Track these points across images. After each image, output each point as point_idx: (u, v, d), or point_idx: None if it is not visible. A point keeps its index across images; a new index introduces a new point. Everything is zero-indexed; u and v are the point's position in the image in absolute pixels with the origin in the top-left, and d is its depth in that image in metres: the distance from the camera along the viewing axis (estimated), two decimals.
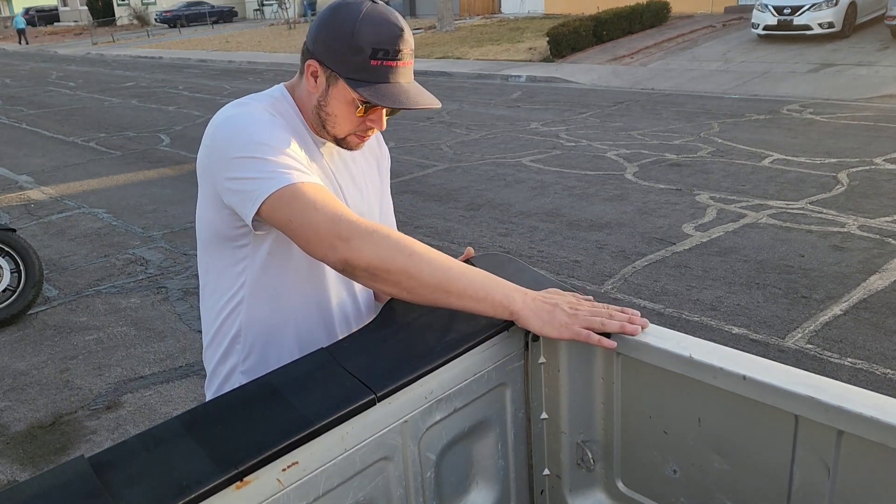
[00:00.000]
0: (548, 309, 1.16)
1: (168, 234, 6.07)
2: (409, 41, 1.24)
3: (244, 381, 1.32)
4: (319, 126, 1.30)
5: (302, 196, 1.15)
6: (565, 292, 1.23)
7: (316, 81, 1.27)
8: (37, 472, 3.01)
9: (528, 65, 15.63)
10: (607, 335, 1.16)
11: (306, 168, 1.21)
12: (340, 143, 1.32)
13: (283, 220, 1.15)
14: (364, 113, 1.26)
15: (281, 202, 1.14)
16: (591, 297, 1.24)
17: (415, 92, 1.25)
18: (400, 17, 1.25)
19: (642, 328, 1.15)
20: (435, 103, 1.27)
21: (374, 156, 1.50)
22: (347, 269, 1.14)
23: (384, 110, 1.28)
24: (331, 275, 1.37)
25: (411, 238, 1.17)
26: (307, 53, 1.27)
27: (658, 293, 4.36)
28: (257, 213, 1.16)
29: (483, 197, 6.59)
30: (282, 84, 1.36)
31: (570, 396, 1.28)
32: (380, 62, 1.21)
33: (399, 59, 1.22)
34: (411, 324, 1.23)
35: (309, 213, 1.14)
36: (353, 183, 1.40)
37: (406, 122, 10.10)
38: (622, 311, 1.18)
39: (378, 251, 1.12)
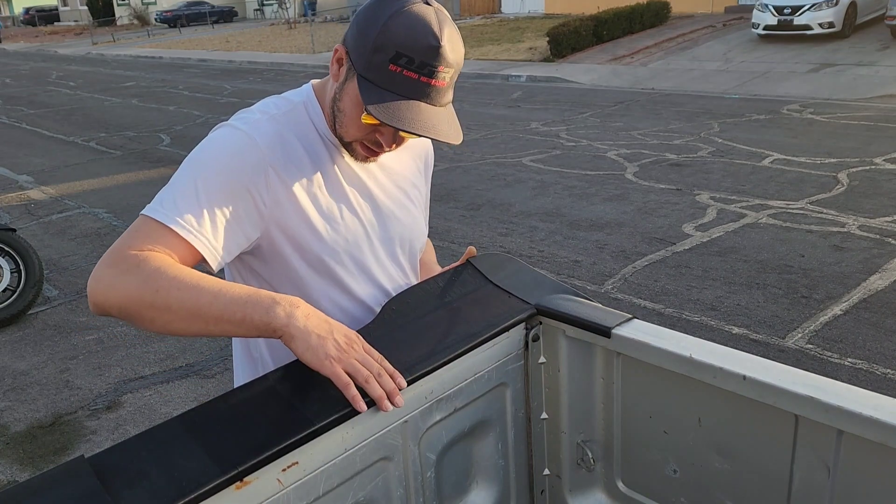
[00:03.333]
0: (319, 333, 1.03)
1: None
2: (445, 58, 1.07)
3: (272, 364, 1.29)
4: (333, 122, 1.20)
5: (131, 226, 1.09)
6: (351, 331, 1.09)
7: (339, 70, 1.16)
8: (37, 472, 3.01)
9: (528, 65, 15.63)
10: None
11: (206, 218, 1.09)
12: (347, 147, 1.21)
13: None
14: (366, 119, 1.12)
15: (130, 226, 1.10)
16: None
17: (429, 116, 1.09)
18: (448, 31, 1.08)
19: (395, 406, 1.04)
20: (453, 138, 1.12)
21: (423, 157, 1.40)
22: (102, 313, 1.06)
23: (395, 135, 1.15)
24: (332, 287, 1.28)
25: (173, 266, 1.05)
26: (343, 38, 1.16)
27: (658, 293, 4.36)
28: None
29: (483, 197, 6.59)
30: (310, 83, 1.27)
31: (570, 396, 1.28)
32: (400, 69, 1.06)
33: (425, 75, 1.07)
34: (411, 324, 1.23)
35: (114, 242, 1.09)
36: (384, 192, 1.29)
37: None
38: (392, 378, 1.05)
39: (124, 292, 1.03)
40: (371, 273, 1.30)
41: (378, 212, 1.29)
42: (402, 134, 1.14)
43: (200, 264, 1.12)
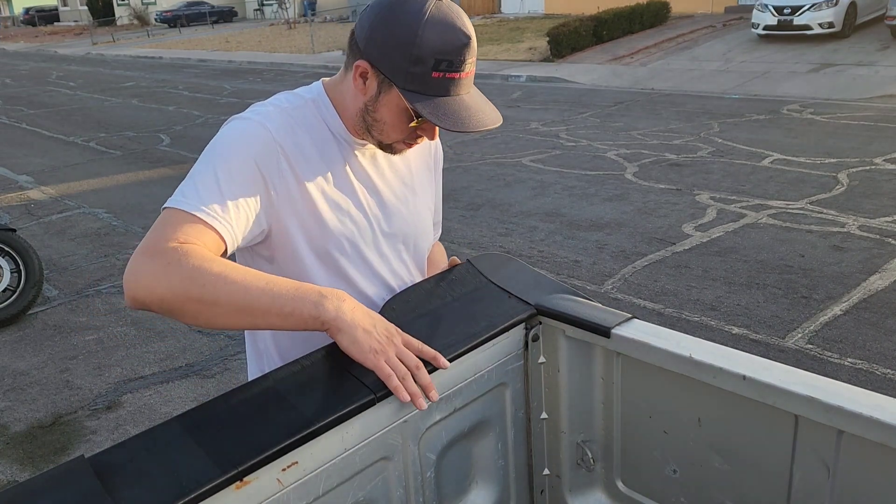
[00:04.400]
0: (364, 328, 1.08)
1: None
2: (474, 48, 1.12)
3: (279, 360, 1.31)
4: (363, 130, 1.22)
5: (159, 219, 1.11)
6: (391, 324, 1.13)
7: (365, 84, 1.17)
8: (37, 472, 3.01)
9: (528, 65, 15.63)
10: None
11: (230, 205, 1.12)
12: (385, 148, 1.24)
13: None
14: (418, 123, 1.17)
15: (157, 219, 1.12)
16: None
17: (476, 108, 1.15)
18: (466, 21, 1.13)
19: (430, 400, 1.09)
20: (496, 121, 1.17)
21: (431, 154, 1.42)
22: (139, 307, 1.06)
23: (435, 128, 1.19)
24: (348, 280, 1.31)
25: (216, 260, 1.07)
26: (356, 52, 1.16)
27: (658, 293, 4.36)
28: None
29: (483, 197, 6.59)
30: (321, 82, 1.28)
31: (570, 396, 1.28)
32: (442, 74, 1.10)
33: (462, 70, 1.11)
34: (411, 324, 1.23)
35: (145, 236, 1.10)
36: (390, 189, 1.31)
37: None
38: (435, 361, 1.10)
39: (169, 286, 1.03)
40: (375, 268, 1.31)
41: (384, 207, 1.31)
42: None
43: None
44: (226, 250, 1.14)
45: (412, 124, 1.17)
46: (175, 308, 1.05)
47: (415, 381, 1.08)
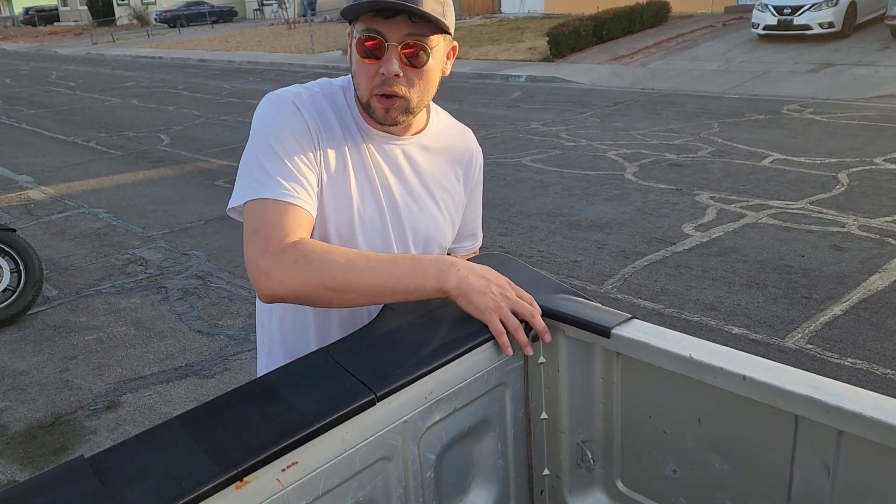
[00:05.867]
0: (480, 289, 1.16)
1: (168, 234, 6.07)
2: None
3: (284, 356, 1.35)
4: (357, 103, 1.26)
5: (253, 215, 1.17)
6: (503, 278, 1.21)
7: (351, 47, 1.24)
8: (37, 472, 3.01)
9: (528, 65, 15.63)
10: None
11: (298, 175, 1.19)
12: (369, 112, 1.24)
13: (244, 231, 1.20)
14: (364, 53, 1.18)
15: (246, 213, 1.19)
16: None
17: None
18: None
19: (544, 342, 1.21)
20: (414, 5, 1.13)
21: (462, 163, 1.42)
22: (276, 301, 1.16)
23: (392, 53, 1.17)
24: None
25: (336, 250, 1.17)
26: None
27: (658, 293, 4.36)
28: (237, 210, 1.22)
29: (483, 197, 6.56)
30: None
31: (570, 396, 1.28)
32: None
33: None
34: (411, 324, 1.23)
35: (249, 237, 1.17)
36: (406, 187, 1.33)
37: None
38: (541, 323, 1.20)
39: (303, 280, 1.13)
40: None
41: (395, 204, 1.32)
42: (398, 63, 1.17)
43: None
44: (314, 221, 1.22)
45: (358, 52, 1.19)
46: (312, 298, 1.16)
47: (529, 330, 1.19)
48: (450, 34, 1.23)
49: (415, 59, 1.18)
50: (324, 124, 1.25)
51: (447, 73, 1.29)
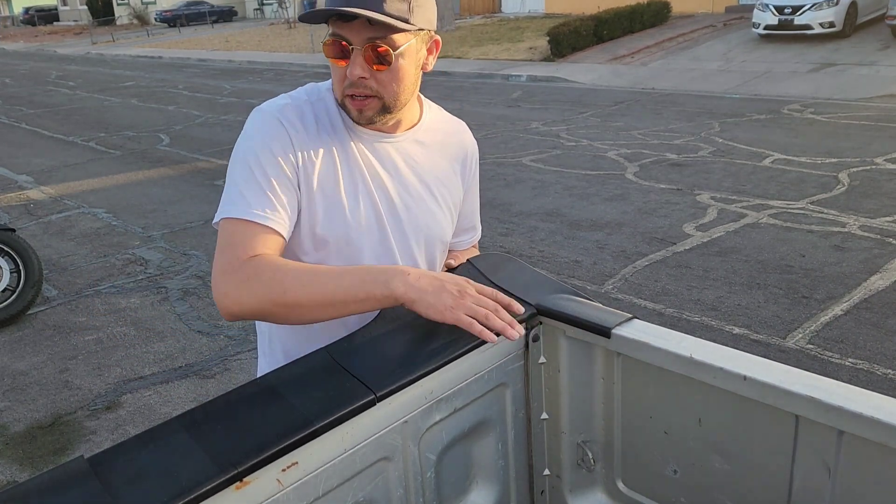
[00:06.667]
0: (432, 290, 1.13)
1: (168, 234, 6.07)
2: None
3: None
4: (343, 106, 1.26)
5: (221, 234, 1.20)
6: (460, 278, 1.19)
7: None
8: (36, 472, 3.01)
9: (528, 64, 15.63)
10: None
11: (271, 195, 1.19)
12: (346, 111, 1.25)
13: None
14: (331, 55, 1.19)
15: (218, 232, 1.22)
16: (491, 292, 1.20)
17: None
18: None
19: (519, 333, 1.15)
20: (367, 12, 1.12)
21: (459, 159, 1.43)
22: (237, 319, 1.18)
23: (357, 56, 1.17)
24: None
25: (287, 266, 1.17)
26: None
27: (658, 293, 4.36)
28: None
29: (483, 197, 6.53)
30: None
31: (571, 396, 1.28)
32: None
33: None
34: (411, 324, 1.23)
35: (216, 256, 1.20)
36: (402, 185, 1.32)
37: None
38: (508, 308, 1.17)
39: (255, 297, 1.14)
40: (378, 262, 1.32)
41: (393, 204, 1.32)
42: (365, 65, 1.17)
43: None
44: (285, 240, 1.22)
45: (326, 52, 1.20)
46: (266, 314, 1.17)
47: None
48: (423, 30, 1.22)
49: (379, 61, 1.18)
50: (310, 135, 1.24)
51: (429, 68, 1.28)
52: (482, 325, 1.11)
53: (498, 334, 1.12)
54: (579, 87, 13.04)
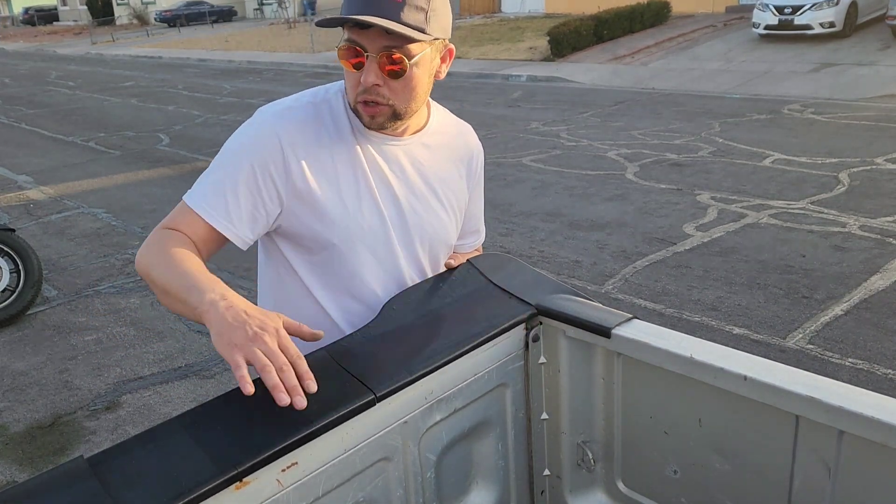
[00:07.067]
0: (231, 323, 1.01)
1: None
2: None
3: None
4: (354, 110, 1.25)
5: (176, 208, 1.25)
6: (272, 324, 1.03)
7: None
8: (36, 472, 3.01)
9: (528, 64, 15.63)
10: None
11: (228, 198, 1.21)
12: (359, 117, 1.24)
13: None
14: (346, 58, 1.17)
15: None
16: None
17: (366, 7, 1.12)
18: None
19: (295, 405, 0.98)
20: (385, 22, 1.11)
21: (464, 161, 1.42)
22: (141, 276, 1.23)
23: (371, 64, 1.16)
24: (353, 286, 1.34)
25: (170, 247, 1.18)
26: None
27: (659, 293, 4.36)
28: None
29: (483, 196, 6.57)
30: None
31: (571, 397, 1.28)
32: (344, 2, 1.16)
33: None
34: (411, 324, 1.23)
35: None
36: (408, 187, 1.32)
37: None
38: (303, 377, 1.01)
39: (142, 263, 1.20)
40: (384, 264, 1.32)
41: (399, 206, 1.31)
42: (381, 73, 1.17)
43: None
44: (224, 240, 1.24)
45: (341, 58, 1.19)
46: (148, 283, 1.20)
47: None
48: (438, 39, 1.20)
49: (394, 70, 1.17)
50: (308, 139, 1.24)
51: (441, 76, 1.27)
52: (262, 375, 0.98)
53: (266, 390, 0.98)
54: (579, 87, 13.04)
